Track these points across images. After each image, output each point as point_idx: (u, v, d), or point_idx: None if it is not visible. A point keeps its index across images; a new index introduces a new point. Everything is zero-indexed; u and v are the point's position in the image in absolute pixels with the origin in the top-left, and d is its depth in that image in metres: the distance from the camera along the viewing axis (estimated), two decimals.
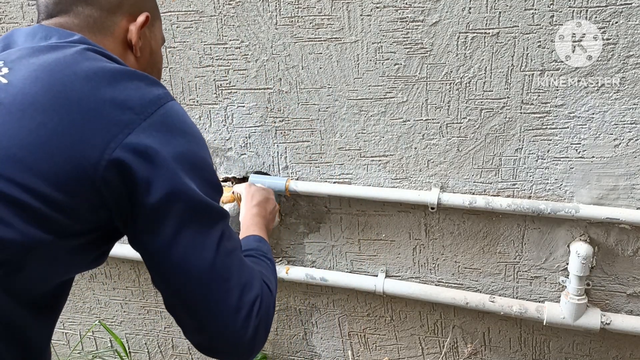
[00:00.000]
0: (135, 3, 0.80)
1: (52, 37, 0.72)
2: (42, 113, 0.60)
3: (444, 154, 1.30)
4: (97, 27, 0.76)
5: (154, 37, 0.84)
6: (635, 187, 1.21)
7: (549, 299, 1.35)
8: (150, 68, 0.84)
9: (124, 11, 0.78)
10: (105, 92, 0.63)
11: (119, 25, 0.78)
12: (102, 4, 0.76)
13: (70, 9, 0.75)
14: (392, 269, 1.46)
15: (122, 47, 0.78)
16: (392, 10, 1.23)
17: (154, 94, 0.67)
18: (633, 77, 1.14)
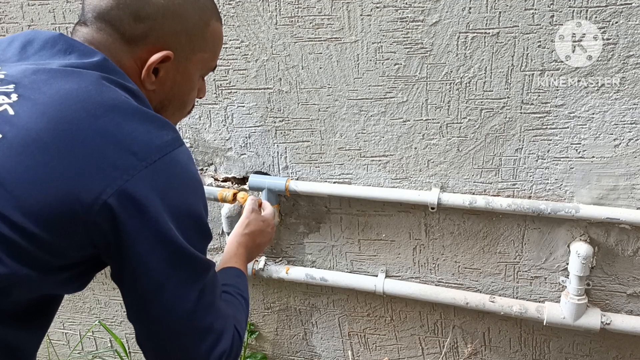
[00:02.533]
0: (164, 37, 0.73)
1: (72, 53, 0.68)
2: (43, 151, 0.59)
3: (444, 154, 1.30)
4: (114, 49, 0.72)
5: (185, 70, 0.77)
6: (635, 187, 1.21)
7: (549, 299, 1.35)
8: (169, 100, 0.78)
9: (148, 43, 0.72)
10: (113, 133, 0.61)
11: (138, 54, 0.73)
12: (125, 30, 0.71)
13: (94, 22, 0.72)
14: (392, 269, 1.46)
15: (137, 75, 0.74)
16: (392, 10, 1.23)
17: (161, 139, 0.64)
18: (633, 77, 1.14)
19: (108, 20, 0.71)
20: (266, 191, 1.42)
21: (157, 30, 0.72)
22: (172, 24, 0.73)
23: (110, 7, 0.71)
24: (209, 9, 0.78)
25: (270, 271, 1.52)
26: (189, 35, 0.75)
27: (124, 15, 0.71)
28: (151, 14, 0.71)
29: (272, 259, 1.56)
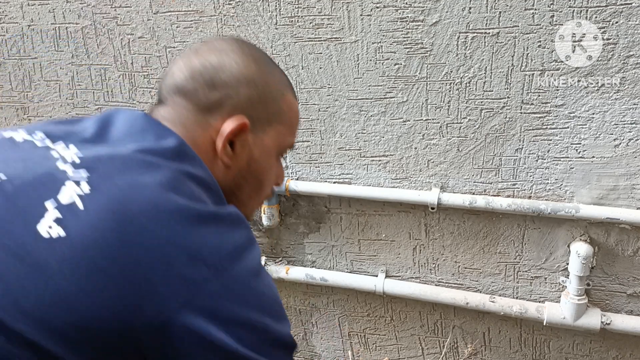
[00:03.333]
0: (239, 104, 0.70)
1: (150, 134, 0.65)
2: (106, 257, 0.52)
3: (444, 154, 1.30)
4: (189, 123, 0.68)
5: (262, 143, 0.73)
6: (635, 187, 1.21)
7: (549, 299, 1.35)
8: (244, 178, 0.73)
9: (223, 112, 0.69)
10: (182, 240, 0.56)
11: (213, 126, 0.69)
12: (200, 99, 0.69)
13: (171, 98, 0.70)
14: (392, 269, 1.46)
15: (212, 149, 0.69)
16: (392, 10, 1.23)
17: (234, 242, 0.59)
18: (633, 77, 1.14)
19: (184, 93, 0.69)
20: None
21: (233, 98, 0.69)
22: (247, 91, 0.70)
23: (185, 79, 0.69)
24: (284, 81, 0.76)
25: (270, 271, 1.52)
26: (265, 104, 0.72)
27: (198, 85, 0.69)
28: (226, 80, 0.69)
29: (272, 259, 1.56)
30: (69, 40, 1.50)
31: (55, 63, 1.54)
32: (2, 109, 1.65)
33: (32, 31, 1.52)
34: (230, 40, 0.75)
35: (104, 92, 1.53)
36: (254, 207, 0.79)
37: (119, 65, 1.48)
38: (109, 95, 1.53)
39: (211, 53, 0.72)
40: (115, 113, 0.69)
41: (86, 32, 1.48)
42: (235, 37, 0.77)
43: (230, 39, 0.75)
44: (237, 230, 0.61)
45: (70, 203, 0.54)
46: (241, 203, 0.74)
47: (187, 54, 0.73)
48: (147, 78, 1.47)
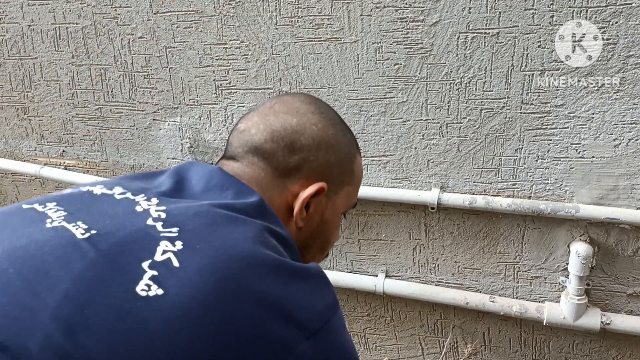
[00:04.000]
0: (317, 168, 0.70)
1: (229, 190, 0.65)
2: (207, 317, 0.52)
3: (444, 154, 1.30)
4: (265, 184, 0.69)
5: (333, 205, 0.74)
6: (635, 187, 1.21)
7: (549, 299, 1.35)
8: (314, 239, 0.74)
9: (301, 175, 0.69)
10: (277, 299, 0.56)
11: (290, 189, 0.69)
12: (279, 162, 0.69)
13: (246, 156, 0.70)
14: (392, 269, 1.46)
15: (287, 211, 0.70)
16: (392, 10, 1.23)
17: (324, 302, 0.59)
18: (633, 77, 1.14)
19: (261, 153, 0.69)
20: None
21: (311, 162, 0.70)
22: (325, 155, 0.71)
23: (265, 141, 0.69)
24: (354, 141, 0.77)
25: None
26: (340, 168, 0.73)
27: (278, 147, 0.69)
28: (306, 145, 0.70)
29: None
30: (69, 41, 1.50)
31: (56, 63, 1.54)
32: (2, 109, 1.65)
33: (32, 31, 1.52)
34: (304, 98, 0.75)
35: (104, 92, 1.53)
36: None
37: (119, 65, 1.48)
38: (109, 95, 1.53)
39: (290, 114, 0.71)
40: (189, 167, 0.69)
41: (86, 32, 1.48)
42: (308, 95, 0.77)
43: (304, 97, 0.75)
44: (325, 289, 0.61)
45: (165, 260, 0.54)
46: (306, 262, 0.75)
47: (263, 111, 0.72)
48: (147, 78, 1.47)
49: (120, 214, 0.59)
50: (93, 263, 0.52)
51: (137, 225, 0.57)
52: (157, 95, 1.48)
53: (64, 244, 0.54)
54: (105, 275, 0.52)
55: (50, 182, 1.70)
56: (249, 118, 0.73)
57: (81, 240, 0.54)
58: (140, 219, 0.58)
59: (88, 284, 0.51)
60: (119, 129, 1.56)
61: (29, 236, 0.55)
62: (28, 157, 1.69)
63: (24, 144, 1.68)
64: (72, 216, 0.58)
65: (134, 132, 1.55)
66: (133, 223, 0.58)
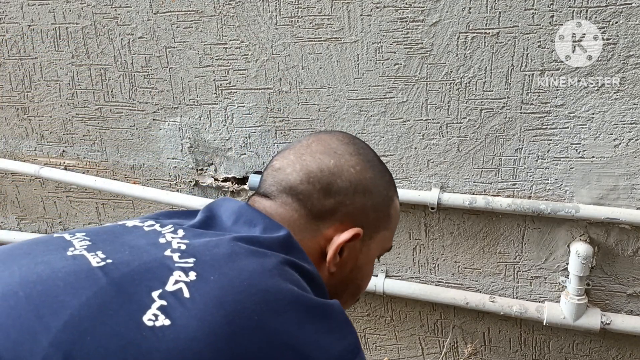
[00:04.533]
0: (353, 212, 0.68)
1: (257, 226, 0.64)
2: (215, 351, 0.50)
3: (444, 154, 1.30)
4: (298, 225, 0.67)
5: (367, 250, 0.72)
6: (635, 187, 1.21)
7: (549, 299, 1.35)
8: (346, 284, 0.72)
9: (335, 219, 0.68)
10: (291, 337, 0.53)
11: (323, 232, 0.68)
12: (314, 204, 0.67)
13: (280, 196, 0.68)
14: (392, 269, 1.46)
15: (319, 255, 0.68)
16: (392, 10, 1.23)
17: (343, 344, 0.56)
18: (633, 77, 1.14)
19: (296, 194, 0.67)
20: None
21: (347, 206, 0.68)
22: (362, 199, 0.69)
23: (300, 181, 0.68)
24: (392, 184, 0.75)
25: None
26: (376, 212, 0.71)
27: (313, 189, 0.67)
28: (343, 188, 0.68)
29: None
30: (69, 41, 1.50)
31: (56, 63, 1.54)
32: (2, 109, 1.65)
33: (32, 31, 1.52)
34: (343, 137, 0.73)
35: (104, 92, 1.53)
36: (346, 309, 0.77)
37: (119, 65, 1.48)
38: (109, 96, 1.53)
39: (327, 154, 0.69)
40: (222, 203, 0.68)
41: (86, 32, 1.48)
42: (346, 133, 0.75)
43: (342, 136, 0.73)
44: (346, 331, 0.58)
45: (176, 290, 0.52)
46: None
47: (299, 150, 0.71)
48: (147, 78, 1.47)
49: (141, 245, 0.59)
50: (102, 290, 0.52)
51: (154, 256, 0.57)
52: (157, 95, 1.48)
53: (77, 270, 0.54)
54: (112, 303, 0.51)
55: (50, 182, 1.70)
56: (284, 156, 0.72)
57: (95, 268, 0.54)
58: (160, 250, 0.58)
59: (93, 311, 0.50)
60: (119, 129, 1.56)
61: (47, 263, 0.55)
62: (28, 157, 1.69)
63: (24, 144, 1.68)
64: (94, 246, 0.58)
65: (134, 132, 1.55)
66: (150, 254, 0.57)
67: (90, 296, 0.51)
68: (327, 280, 0.69)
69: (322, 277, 0.67)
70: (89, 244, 0.59)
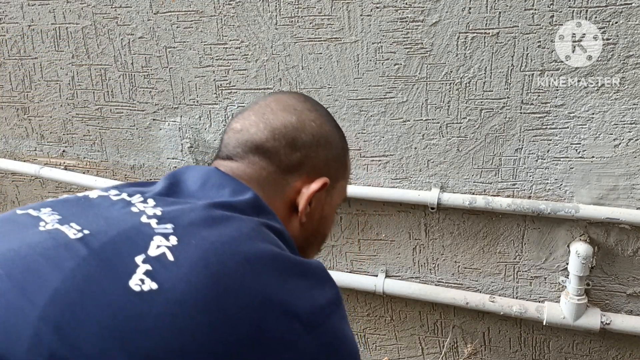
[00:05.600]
0: (318, 164, 0.72)
1: (225, 188, 0.65)
2: (201, 311, 0.51)
3: (444, 154, 1.30)
4: (267, 183, 0.69)
5: (330, 200, 0.76)
6: (635, 187, 1.21)
7: (549, 299, 1.35)
8: (314, 235, 0.75)
9: (302, 171, 0.71)
10: (275, 294, 0.55)
11: (292, 185, 0.70)
12: (281, 160, 0.70)
13: (246, 156, 0.70)
14: (392, 269, 1.46)
15: (288, 209, 0.71)
16: (392, 10, 1.23)
17: (325, 298, 0.59)
18: (633, 77, 1.14)
19: (263, 152, 0.70)
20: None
21: (312, 159, 0.71)
22: (324, 152, 0.73)
23: (266, 139, 0.70)
24: (344, 136, 0.79)
25: None
26: (336, 162, 0.75)
27: (280, 145, 0.70)
28: (307, 142, 0.71)
29: None
30: (69, 41, 1.50)
31: (56, 63, 1.54)
32: (3, 109, 1.66)
33: (32, 31, 1.52)
34: (298, 96, 0.75)
35: (104, 92, 1.53)
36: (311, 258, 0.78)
37: (119, 65, 1.48)
38: (109, 96, 1.53)
39: (288, 112, 0.72)
40: (185, 170, 0.69)
41: (86, 32, 1.48)
42: (300, 93, 0.77)
43: (297, 95, 0.76)
44: (327, 285, 0.61)
45: (159, 254, 0.53)
46: (308, 255, 0.75)
47: (259, 110, 0.72)
48: (147, 78, 1.47)
49: (115, 215, 0.59)
50: (84, 261, 0.52)
51: (132, 224, 0.57)
52: (157, 95, 1.48)
53: (56, 245, 0.54)
54: (96, 272, 0.51)
55: (50, 182, 1.70)
56: (245, 117, 0.73)
57: (73, 241, 0.54)
58: (135, 218, 0.58)
59: (78, 282, 0.50)
60: (119, 129, 1.56)
61: (21, 239, 0.55)
62: (28, 157, 1.69)
63: (24, 144, 1.68)
64: (66, 219, 0.58)
65: (134, 132, 1.55)
66: (127, 222, 0.57)
67: (74, 268, 0.51)
68: (298, 233, 0.71)
69: (293, 230, 0.71)
70: (59, 217, 0.59)
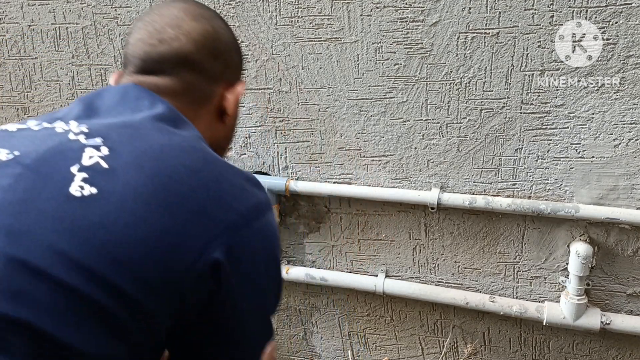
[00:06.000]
0: (235, 70, 0.77)
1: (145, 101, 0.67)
2: (143, 207, 0.54)
3: (444, 154, 1.30)
4: (196, 95, 0.72)
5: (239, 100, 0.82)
6: (635, 187, 1.21)
7: (549, 299, 1.35)
8: (229, 138, 0.81)
9: (224, 78, 0.75)
10: (213, 188, 0.59)
11: (217, 92, 0.74)
12: (209, 72, 0.72)
13: (173, 72, 0.70)
14: (392, 269, 1.46)
15: (215, 115, 0.75)
16: (392, 10, 1.23)
17: (257, 198, 0.63)
18: (633, 77, 1.14)
19: (190, 65, 0.71)
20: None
21: (230, 64, 0.75)
22: (236, 56, 0.77)
23: (191, 52, 0.71)
24: None
25: None
26: (241, 65, 0.80)
27: (204, 56, 0.71)
28: (224, 49, 0.74)
29: None
30: (69, 41, 1.50)
31: (56, 63, 1.54)
32: (3, 109, 1.65)
33: (32, 31, 1.52)
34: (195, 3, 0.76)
35: None
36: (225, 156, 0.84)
37: (119, 65, 1.48)
38: None
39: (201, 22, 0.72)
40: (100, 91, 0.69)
41: (86, 32, 1.48)
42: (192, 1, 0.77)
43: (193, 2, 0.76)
44: (258, 189, 0.65)
45: (93, 164, 0.56)
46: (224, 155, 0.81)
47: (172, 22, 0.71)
48: None
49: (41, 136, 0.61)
50: (20, 177, 0.54)
51: (60, 140, 0.59)
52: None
53: None
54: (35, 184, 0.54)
55: None
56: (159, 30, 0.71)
57: (5, 161, 0.56)
58: (62, 136, 0.60)
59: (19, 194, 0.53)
60: None
61: None
62: None
63: None
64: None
65: None
66: (54, 139, 0.59)
67: (11, 183, 0.54)
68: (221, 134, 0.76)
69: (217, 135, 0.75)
70: None
